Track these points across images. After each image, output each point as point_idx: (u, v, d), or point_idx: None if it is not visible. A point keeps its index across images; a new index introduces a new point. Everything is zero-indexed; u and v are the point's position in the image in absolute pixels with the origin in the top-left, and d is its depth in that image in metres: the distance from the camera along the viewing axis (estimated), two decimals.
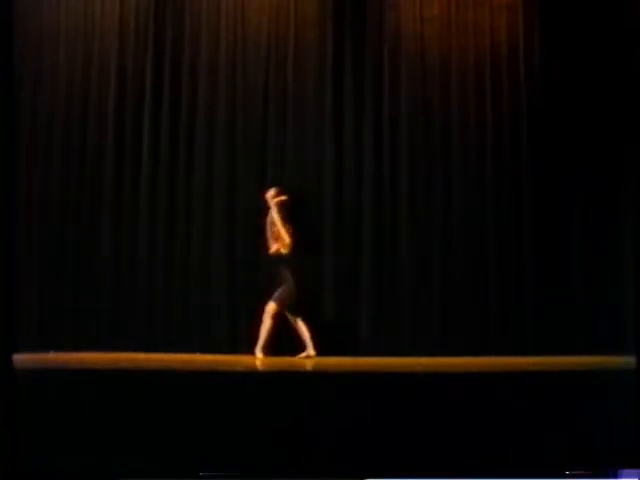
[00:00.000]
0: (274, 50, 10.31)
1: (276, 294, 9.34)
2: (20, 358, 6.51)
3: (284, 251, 9.45)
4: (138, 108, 10.28)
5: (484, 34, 10.28)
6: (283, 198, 9.58)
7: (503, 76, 10.26)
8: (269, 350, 9.26)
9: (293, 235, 9.49)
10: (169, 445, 6.19)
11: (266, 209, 9.61)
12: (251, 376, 7.78)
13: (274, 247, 9.51)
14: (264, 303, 9.35)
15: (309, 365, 8.83)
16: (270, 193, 9.62)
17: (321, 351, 9.33)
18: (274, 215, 9.51)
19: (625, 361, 7.10)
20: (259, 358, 9.16)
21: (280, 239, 9.45)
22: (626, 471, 5.82)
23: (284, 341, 9.49)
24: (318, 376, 7.99)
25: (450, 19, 10.28)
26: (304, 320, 9.42)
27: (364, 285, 10.08)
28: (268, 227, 9.58)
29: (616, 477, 5.84)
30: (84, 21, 10.36)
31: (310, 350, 9.33)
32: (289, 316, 9.42)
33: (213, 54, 10.32)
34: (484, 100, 10.26)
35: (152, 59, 10.29)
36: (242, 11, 10.34)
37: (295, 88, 10.25)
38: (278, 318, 9.34)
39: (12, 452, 5.35)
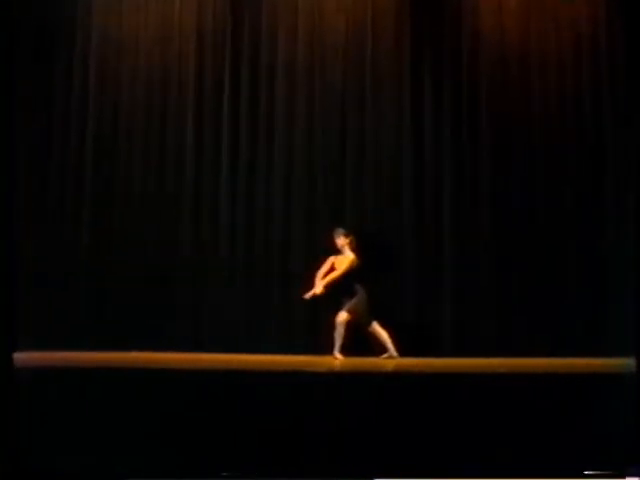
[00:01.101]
0: (352, 48, 10.27)
1: (347, 305, 9.27)
2: (20, 357, 6.51)
3: (354, 265, 9.40)
4: (217, 109, 10.37)
5: (565, 25, 10.07)
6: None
7: (585, 69, 10.03)
8: (347, 352, 9.16)
9: (356, 249, 9.44)
10: (171, 445, 6.17)
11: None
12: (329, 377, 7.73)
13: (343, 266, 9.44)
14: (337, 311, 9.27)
15: (390, 365, 8.72)
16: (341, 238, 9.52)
17: (403, 353, 9.25)
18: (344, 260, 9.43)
19: (626, 363, 6.82)
20: (338, 359, 9.08)
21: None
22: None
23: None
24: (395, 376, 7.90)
25: (529, 10, 10.09)
26: (380, 324, 9.33)
27: (445, 286, 9.96)
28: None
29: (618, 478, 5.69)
30: (162, 25, 10.52)
31: (392, 352, 9.23)
32: (363, 325, 9.33)
33: (291, 53, 10.34)
34: (565, 93, 10.06)
35: (230, 60, 10.38)
36: (319, 9, 10.35)
37: (373, 85, 10.21)
38: (350, 326, 9.23)
39: (12, 452, 5.39)
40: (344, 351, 9.14)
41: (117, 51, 10.54)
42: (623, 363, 7.08)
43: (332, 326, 9.20)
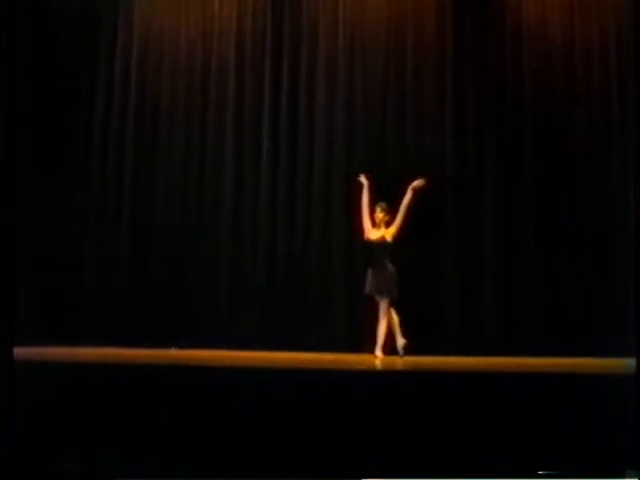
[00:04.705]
0: (393, 42, 10.24)
1: (385, 289, 8.95)
2: (20, 352, 6.50)
3: (389, 239, 9.11)
4: (257, 107, 10.41)
5: (608, 17, 9.90)
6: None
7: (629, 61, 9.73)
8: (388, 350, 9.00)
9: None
10: (171, 444, 6.12)
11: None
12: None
13: (379, 234, 9.13)
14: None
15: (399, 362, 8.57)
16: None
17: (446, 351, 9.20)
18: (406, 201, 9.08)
19: (626, 364, 6.65)
20: (379, 357, 8.92)
21: (393, 227, 9.13)
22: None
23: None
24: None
25: (573, 2, 9.95)
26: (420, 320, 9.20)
27: (486, 284, 9.87)
28: (365, 211, 9.23)
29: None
30: (202, 22, 10.63)
31: (399, 338, 8.95)
32: (384, 296, 8.97)
33: (331, 50, 10.33)
34: (610, 86, 9.88)
35: (270, 57, 10.42)
36: (360, 5, 10.31)
37: (414, 80, 10.15)
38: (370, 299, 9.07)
39: (12, 452, 5.38)
40: (385, 350, 8.97)
41: (159, 48, 10.68)
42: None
43: (373, 324, 9.03)
